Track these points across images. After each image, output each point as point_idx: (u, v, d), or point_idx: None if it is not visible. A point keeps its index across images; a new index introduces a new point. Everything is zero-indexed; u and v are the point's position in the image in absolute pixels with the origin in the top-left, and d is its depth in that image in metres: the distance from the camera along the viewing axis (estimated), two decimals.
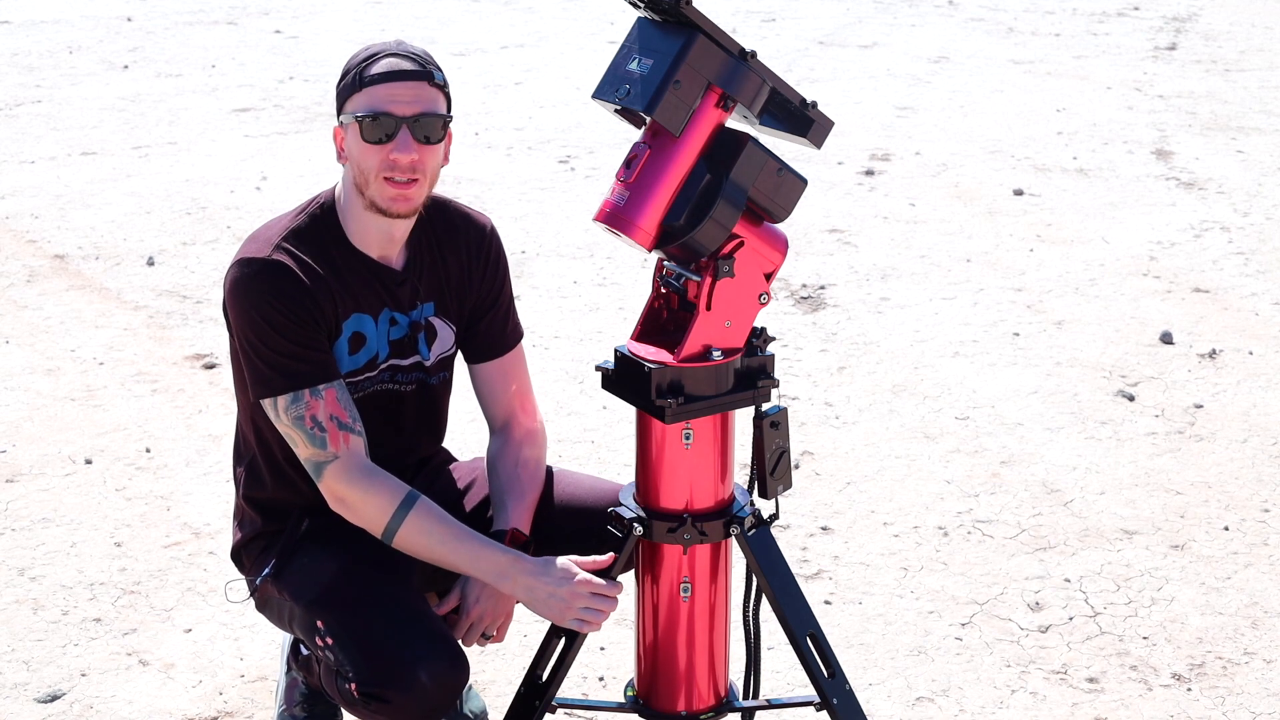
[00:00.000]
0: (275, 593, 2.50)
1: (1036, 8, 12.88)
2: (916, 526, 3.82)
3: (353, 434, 2.36)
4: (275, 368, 2.33)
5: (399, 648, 2.30)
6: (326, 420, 2.33)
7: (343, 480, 2.35)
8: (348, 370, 2.44)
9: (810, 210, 6.55)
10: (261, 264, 2.33)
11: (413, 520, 2.35)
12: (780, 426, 2.30)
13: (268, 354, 2.33)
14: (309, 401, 2.32)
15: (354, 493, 2.35)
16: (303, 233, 2.39)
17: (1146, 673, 3.19)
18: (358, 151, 2.34)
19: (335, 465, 2.35)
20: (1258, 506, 3.94)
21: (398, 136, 2.32)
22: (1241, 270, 5.88)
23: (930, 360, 4.96)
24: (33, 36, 11.26)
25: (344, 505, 2.38)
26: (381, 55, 2.35)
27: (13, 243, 6.21)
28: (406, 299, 2.49)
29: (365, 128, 2.31)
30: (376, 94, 2.32)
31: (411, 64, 2.34)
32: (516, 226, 6.43)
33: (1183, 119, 8.56)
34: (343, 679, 2.35)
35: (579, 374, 4.80)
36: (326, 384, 2.34)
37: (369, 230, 2.42)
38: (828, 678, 2.36)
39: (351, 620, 2.36)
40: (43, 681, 3.13)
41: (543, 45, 11.14)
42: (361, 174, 2.35)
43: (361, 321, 2.44)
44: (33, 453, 4.23)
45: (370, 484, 2.35)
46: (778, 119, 2.18)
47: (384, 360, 2.48)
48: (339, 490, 2.36)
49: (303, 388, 2.32)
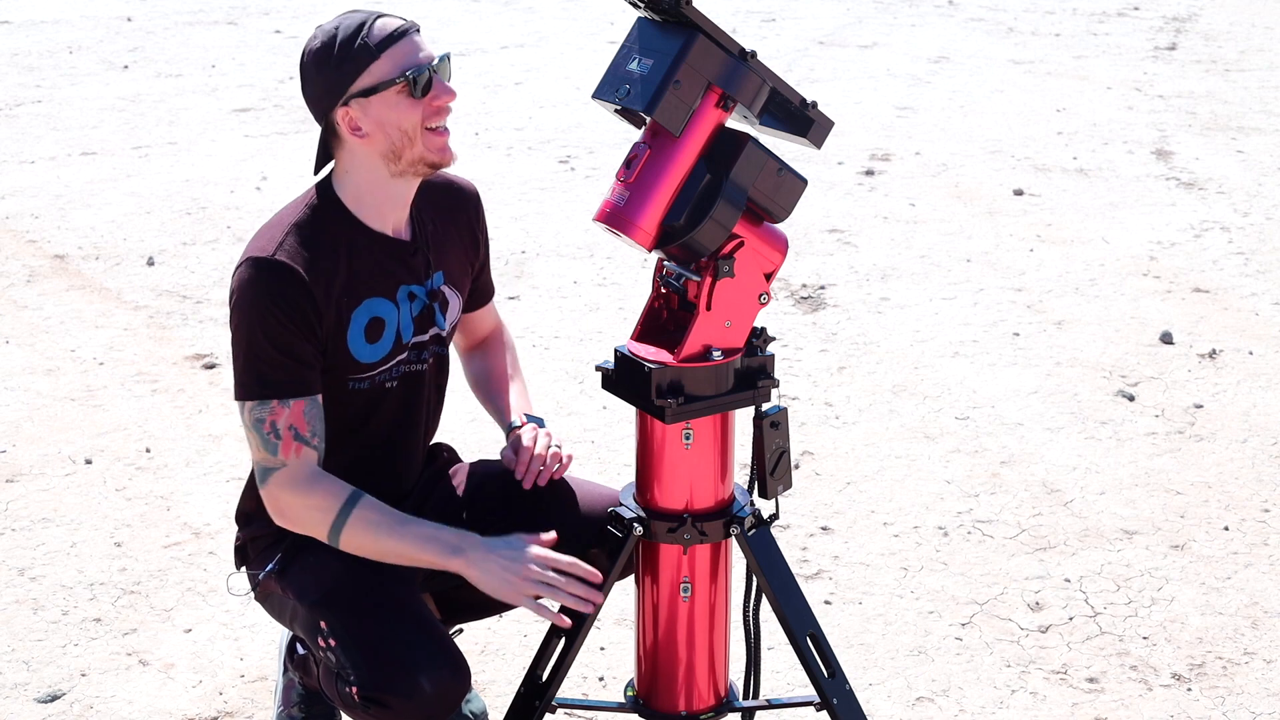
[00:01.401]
0: (278, 589, 2.50)
1: (1036, 8, 12.88)
2: (916, 526, 3.82)
3: (307, 446, 2.33)
4: (255, 374, 2.32)
5: (403, 653, 2.29)
6: (285, 429, 2.32)
7: (286, 487, 2.33)
8: (372, 360, 2.41)
9: (810, 210, 6.55)
10: (266, 265, 2.31)
11: (357, 518, 2.32)
12: (780, 426, 2.30)
13: (252, 360, 2.32)
14: (275, 408, 2.31)
15: (296, 499, 2.33)
16: (307, 225, 2.37)
17: (1146, 673, 3.19)
18: (396, 115, 2.32)
19: (281, 473, 2.33)
20: (1258, 506, 3.94)
21: (435, 84, 2.33)
22: (1241, 270, 5.88)
23: (930, 360, 4.96)
24: (33, 36, 11.27)
25: (283, 514, 2.36)
26: (366, 22, 2.33)
27: (13, 243, 6.21)
28: (422, 269, 2.48)
29: (412, 85, 2.31)
30: (400, 53, 2.31)
31: (402, 20, 2.36)
32: (516, 226, 6.43)
33: (1183, 119, 8.56)
34: (343, 681, 2.34)
35: (579, 374, 4.80)
36: (298, 397, 2.33)
37: (384, 203, 2.41)
38: (828, 678, 2.36)
39: (355, 623, 2.35)
40: (43, 681, 3.13)
41: (543, 45, 11.14)
42: (404, 135, 2.33)
43: (378, 306, 2.42)
44: (33, 453, 4.23)
45: (313, 489, 2.33)
46: (778, 119, 2.18)
47: (410, 339, 2.47)
48: (281, 498, 2.34)
49: (273, 398, 2.31)
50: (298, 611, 2.45)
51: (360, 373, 2.42)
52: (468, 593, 2.65)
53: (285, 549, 2.48)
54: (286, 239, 2.34)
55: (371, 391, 2.44)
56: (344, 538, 2.33)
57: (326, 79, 2.32)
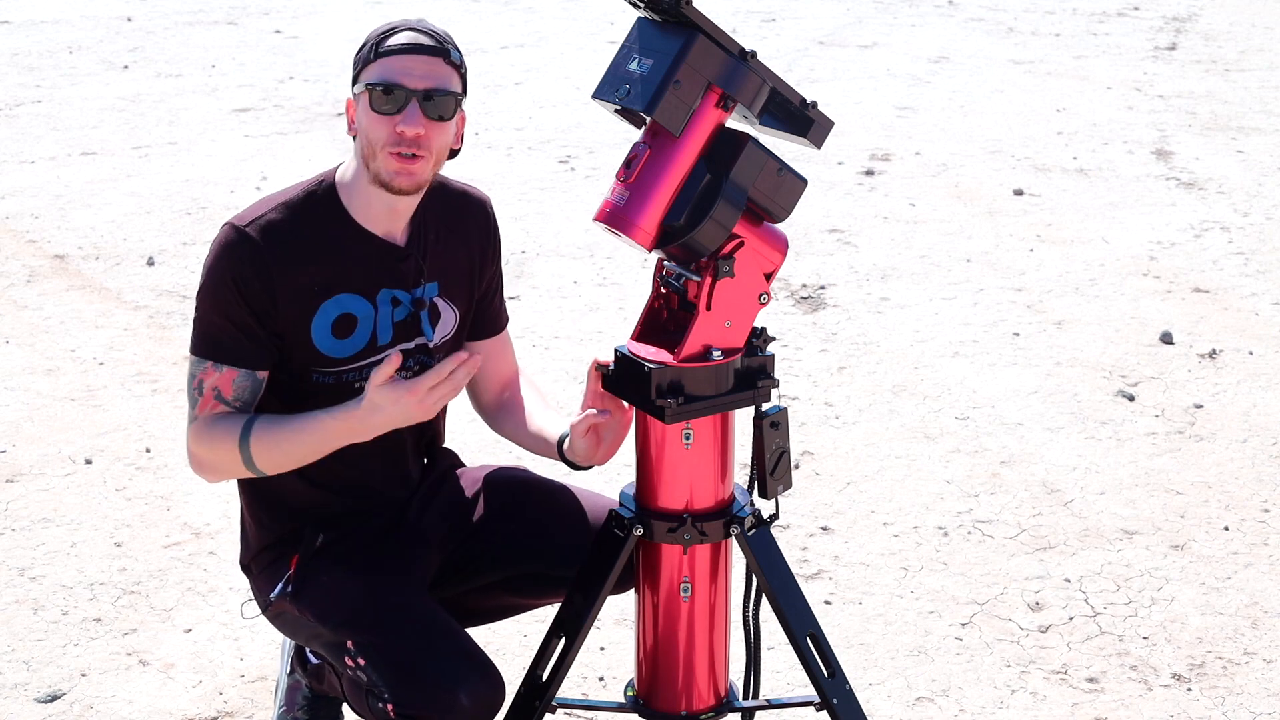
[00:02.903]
0: (295, 611, 2.47)
1: (1036, 8, 12.88)
2: (916, 526, 3.82)
3: (224, 406, 2.37)
4: (200, 333, 2.37)
5: (438, 670, 2.29)
6: (209, 389, 2.36)
7: (194, 438, 2.38)
8: (339, 357, 2.40)
9: (810, 210, 6.55)
10: (237, 235, 2.34)
11: (258, 434, 2.34)
12: (780, 426, 2.30)
13: (202, 320, 2.37)
14: (208, 368, 2.36)
15: (202, 446, 2.38)
16: (296, 206, 2.37)
17: (1146, 673, 3.19)
18: (366, 122, 2.32)
19: (193, 426, 2.38)
20: (1258, 506, 3.94)
21: (407, 109, 2.30)
22: (1241, 270, 5.88)
23: (930, 360, 4.96)
24: (33, 36, 11.27)
25: (200, 464, 2.41)
26: (401, 29, 2.34)
27: (13, 243, 6.21)
28: (410, 275, 2.45)
29: (374, 97, 2.30)
30: (390, 65, 2.31)
31: (429, 39, 2.33)
32: (516, 226, 6.43)
33: (1183, 119, 8.56)
34: (376, 698, 2.33)
35: (579, 374, 4.80)
36: (232, 365, 2.36)
37: (373, 206, 2.40)
38: (828, 678, 2.36)
39: (385, 641, 2.34)
40: (43, 681, 3.13)
41: (543, 45, 11.14)
42: (369, 145, 2.33)
43: (351, 303, 2.40)
44: (33, 453, 4.23)
45: (213, 429, 2.37)
46: (778, 119, 2.17)
47: (386, 344, 2.44)
48: (192, 449, 2.40)
49: (209, 359, 2.36)
50: (319, 632, 2.43)
51: (325, 366, 2.40)
52: (473, 599, 2.65)
53: (296, 569, 2.46)
54: (268, 214, 2.36)
55: (338, 386, 2.41)
56: (255, 456, 2.34)
57: (354, 63, 2.39)
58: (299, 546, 2.47)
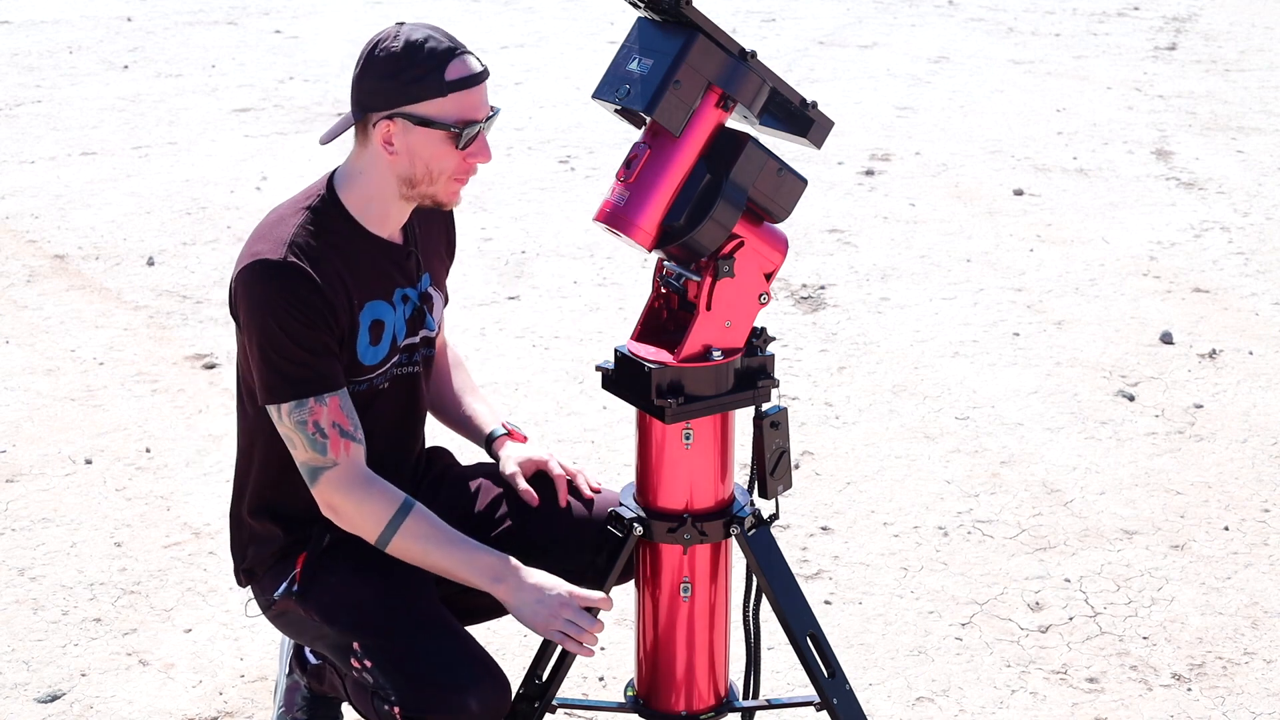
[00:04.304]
0: (300, 611, 2.46)
1: (1036, 8, 12.87)
2: (916, 526, 3.82)
3: (354, 442, 2.34)
4: (283, 375, 2.30)
5: (445, 673, 2.29)
6: (329, 427, 2.31)
7: (340, 489, 2.33)
8: (373, 363, 2.41)
9: (810, 210, 6.55)
10: (277, 267, 2.28)
11: (408, 528, 2.34)
12: (780, 426, 2.30)
13: (277, 360, 2.30)
14: (313, 407, 2.30)
15: (349, 502, 2.34)
16: (313, 227, 2.35)
17: (1146, 673, 3.19)
18: (432, 153, 2.30)
19: (333, 472, 2.33)
20: (1258, 506, 3.94)
21: (477, 140, 2.32)
22: (1241, 270, 5.88)
23: (930, 360, 4.96)
24: (33, 36, 11.26)
25: (337, 513, 2.37)
26: (453, 54, 2.29)
27: (13, 243, 6.21)
28: (414, 271, 2.48)
29: (462, 139, 2.29)
30: (464, 102, 2.28)
31: (479, 63, 2.32)
32: (516, 226, 6.43)
33: (1183, 119, 8.56)
34: (381, 700, 2.33)
35: (579, 374, 4.80)
36: (331, 392, 2.32)
37: (389, 213, 2.40)
38: (828, 678, 2.36)
39: (392, 644, 2.34)
40: (43, 681, 3.13)
41: (543, 45, 11.14)
42: (429, 173, 2.32)
43: (379, 309, 2.41)
44: (33, 453, 4.23)
45: (367, 493, 2.34)
46: (778, 119, 2.18)
47: (402, 341, 2.46)
48: (334, 499, 2.35)
49: (308, 396, 2.30)
50: (323, 632, 2.43)
51: (360, 375, 2.41)
52: (472, 598, 2.65)
53: (304, 568, 2.46)
54: (293, 242, 2.31)
55: (368, 394, 2.43)
56: (393, 545, 2.34)
57: (387, 86, 2.28)
58: (305, 546, 2.47)
